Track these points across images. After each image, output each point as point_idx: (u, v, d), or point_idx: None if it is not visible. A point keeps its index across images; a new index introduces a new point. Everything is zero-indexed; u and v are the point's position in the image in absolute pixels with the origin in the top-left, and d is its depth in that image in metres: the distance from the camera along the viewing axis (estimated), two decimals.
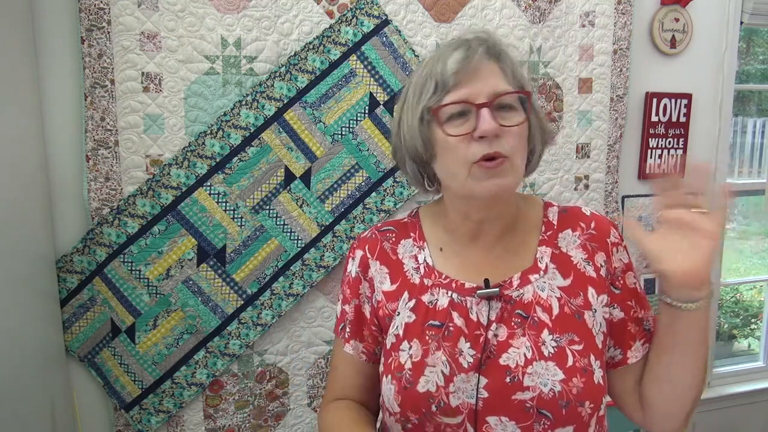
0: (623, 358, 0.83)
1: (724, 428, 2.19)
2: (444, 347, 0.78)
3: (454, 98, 0.75)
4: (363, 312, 0.89)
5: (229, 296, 1.45)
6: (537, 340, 0.76)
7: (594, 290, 0.81)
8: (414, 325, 0.81)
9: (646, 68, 1.81)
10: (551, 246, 0.83)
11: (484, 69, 0.76)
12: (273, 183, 1.45)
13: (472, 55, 0.75)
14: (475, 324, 0.78)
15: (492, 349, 0.77)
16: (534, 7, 1.62)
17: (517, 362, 0.75)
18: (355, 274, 0.90)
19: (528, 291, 0.80)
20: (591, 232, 0.84)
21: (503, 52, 0.79)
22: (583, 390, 0.73)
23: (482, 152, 0.73)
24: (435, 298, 0.82)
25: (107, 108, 1.31)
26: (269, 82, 1.42)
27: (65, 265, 1.33)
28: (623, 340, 0.83)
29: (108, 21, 1.28)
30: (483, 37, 0.79)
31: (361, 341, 0.90)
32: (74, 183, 1.34)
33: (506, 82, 0.77)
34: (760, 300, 2.63)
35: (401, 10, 1.51)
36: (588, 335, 0.78)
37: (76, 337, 1.37)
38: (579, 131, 1.73)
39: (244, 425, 1.52)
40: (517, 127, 0.75)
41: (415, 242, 0.88)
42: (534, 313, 0.78)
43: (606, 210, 1.80)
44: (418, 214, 0.93)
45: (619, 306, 0.83)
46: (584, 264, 0.82)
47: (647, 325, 0.85)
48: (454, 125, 0.76)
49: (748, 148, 2.37)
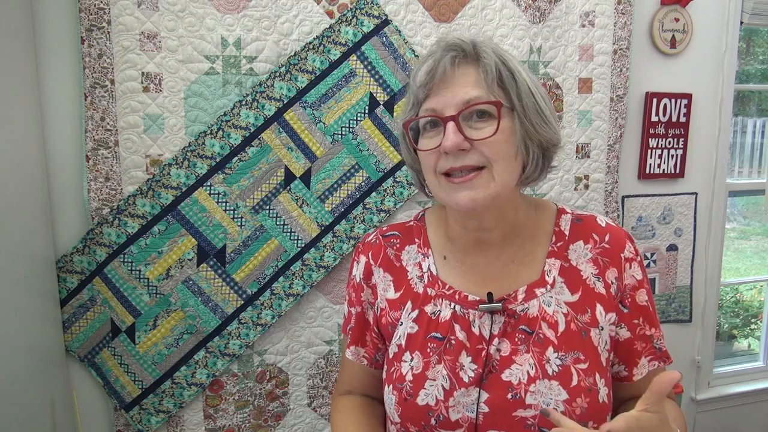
0: (628, 375, 0.82)
1: (724, 428, 2.19)
2: (445, 360, 0.77)
3: (424, 110, 0.75)
4: (366, 318, 0.90)
5: (229, 296, 1.45)
6: (541, 357, 0.74)
7: (602, 308, 0.78)
8: (416, 336, 0.80)
9: (646, 68, 1.81)
10: (560, 258, 0.80)
11: (454, 77, 0.73)
12: (273, 183, 1.45)
13: (436, 65, 0.74)
14: (477, 338, 0.77)
15: (494, 364, 0.75)
16: (534, 7, 1.62)
17: (519, 379, 0.74)
18: (358, 279, 0.90)
19: (533, 305, 0.77)
20: (604, 246, 0.81)
21: (482, 55, 0.74)
22: (587, 410, 0.72)
23: (447, 166, 0.73)
24: (438, 309, 0.80)
25: (107, 108, 1.31)
26: (269, 82, 1.42)
27: (65, 265, 1.33)
28: (629, 358, 0.82)
29: (108, 21, 1.28)
30: (455, 43, 0.75)
31: (363, 346, 0.91)
32: (74, 183, 1.34)
33: (480, 89, 0.72)
34: (760, 300, 2.63)
35: (401, 10, 1.51)
36: (594, 353, 0.76)
37: (76, 337, 1.37)
38: (579, 131, 1.73)
39: (244, 425, 1.52)
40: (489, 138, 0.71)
41: (420, 249, 0.86)
42: (539, 329, 0.76)
43: (606, 210, 1.80)
44: (424, 218, 0.91)
45: (627, 326, 0.81)
46: (594, 280, 0.79)
47: (657, 343, 0.83)
48: (429, 137, 0.76)
49: (748, 148, 2.37)
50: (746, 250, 3.61)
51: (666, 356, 0.84)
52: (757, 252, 3.46)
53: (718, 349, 2.21)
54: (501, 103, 0.73)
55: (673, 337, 2.01)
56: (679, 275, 1.96)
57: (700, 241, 1.98)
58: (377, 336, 0.89)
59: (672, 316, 1.99)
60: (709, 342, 2.08)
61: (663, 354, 0.83)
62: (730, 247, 3.25)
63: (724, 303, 2.64)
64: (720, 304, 2.24)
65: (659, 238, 1.92)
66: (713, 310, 2.07)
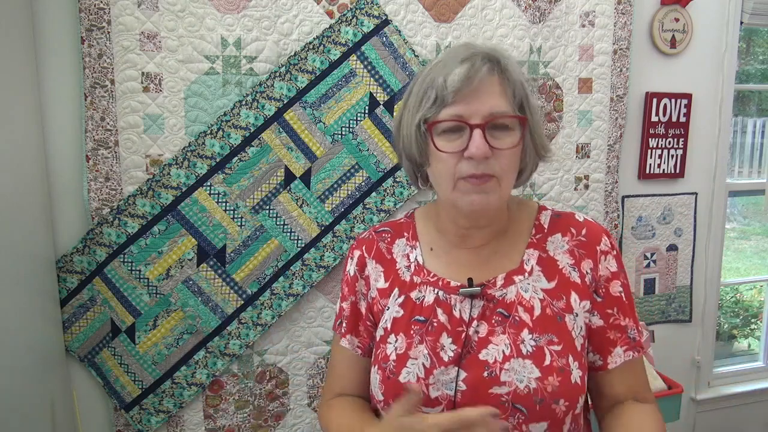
0: (603, 364, 0.84)
1: (724, 428, 2.19)
2: (427, 341, 0.81)
3: (450, 114, 0.76)
4: (359, 308, 0.93)
5: (229, 296, 1.45)
6: (516, 338, 0.78)
7: (577, 295, 0.82)
8: (401, 320, 0.84)
9: (646, 68, 1.81)
10: (539, 249, 0.85)
11: (484, 87, 0.76)
12: (273, 183, 1.45)
13: (475, 74, 0.76)
14: (458, 320, 0.81)
15: (472, 345, 0.79)
16: (534, 7, 1.62)
17: (495, 358, 0.78)
18: (353, 272, 0.94)
19: (511, 291, 0.82)
20: (580, 239, 0.85)
21: (508, 70, 0.79)
22: (558, 388, 0.75)
23: (469, 172, 0.76)
24: (422, 294, 0.85)
25: (107, 108, 1.31)
26: (269, 82, 1.42)
27: (65, 265, 1.33)
28: (602, 347, 0.84)
29: (108, 21, 1.28)
30: (488, 53, 0.79)
31: (357, 336, 0.93)
32: (74, 183, 1.34)
33: (505, 102, 0.77)
34: (760, 300, 2.63)
35: (401, 10, 1.51)
36: (568, 337, 0.79)
37: (76, 337, 1.37)
38: (579, 131, 1.73)
39: (244, 425, 1.52)
40: (509, 149, 0.77)
41: (408, 242, 0.91)
42: (515, 312, 0.80)
43: (606, 210, 1.80)
44: (413, 215, 0.96)
45: (599, 314, 0.83)
46: (570, 269, 0.84)
47: (632, 333, 0.85)
48: (449, 139, 0.77)
49: (748, 148, 2.37)
50: (746, 250, 3.61)
51: (640, 346, 0.86)
52: (757, 252, 3.46)
53: (718, 349, 2.21)
54: (527, 119, 0.79)
55: (673, 337, 2.01)
56: (679, 275, 1.96)
57: (700, 241, 1.98)
58: (372, 324, 0.92)
59: (672, 316, 1.99)
60: (709, 342, 2.08)
61: (637, 344, 0.85)
62: (730, 247, 3.24)
63: (724, 303, 2.64)
64: (720, 304, 2.24)
65: (659, 238, 1.91)
66: (713, 310, 2.07)
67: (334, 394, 0.95)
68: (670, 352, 1.98)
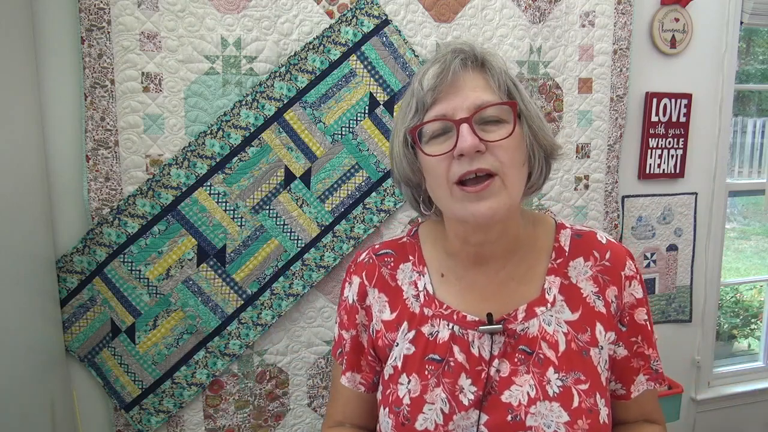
0: (626, 394, 0.81)
1: (724, 428, 2.19)
2: (444, 383, 0.75)
3: (432, 116, 0.71)
4: (360, 342, 0.87)
5: (229, 296, 1.45)
6: (542, 378, 0.73)
7: (602, 327, 0.77)
8: (413, 358, 0.78)
9: (646, 68, 1.81)
10: (560, 275, 0.79)
11: (464, 81, 0.72)
12: (273, 183, 1.45)
13: (447, 68, 0.71)
14: (477, 359, 0.75)
15: (494, 386, 0.74)
16: (534, 7, 1.62)
17: (519, 400, 0.72)
18: (352, 301, 0.87)
19: (533, 325, 0.76)
20: (605, 264, 0.79)
21: (487, 61, 0.74)
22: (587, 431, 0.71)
23: (462, 171, 0.69)
24: (435, 329, 0.78)
25: (107, 108, 1.31)
26: (269, 82, 1.42)
27: (65, 265, 1.33)
28: (626, 376, 0.81)
29: (108, 21, 1.28)
30: (461, 48, 0.74)
31: (359, 372, 0.87)
32: (74, 183, 1.34)
33: (490, 93, 0.72)
34: (760, 300, 2.63)
35: (401, 10, 1.51)
36: (594, 373, 0.74)
37: (76, 337, 1.37)
38: (579, 131, 1.73)
39: (244, 425, 1.52)
40: (504, 140, 0.70)
41: (415, 267, 0.84)
42: (539, 349, 0.74)
43: (606, 210, 1.80)
44: (417, 234, 0.88)
45: (624, 344, 0.80)
46: (594, 298, 0.78)
47: (654, 364, 0.81)
48: (437, 143, 0.72)
49: (748, 148, 2.37)
50: (746, 250, 3.61)
51: (662, 378, 0.83)
52: (757, 252, 3.46)
53: (718, 349, 2.21)
54: (516, 102, 0.73)
55: (673, 337, 2.00)
56: (679, 275, 1.96)
57: (700, 241, 1.98)
58: (374, 359, 0.86)
59: (672, 316, 1.99)
60: (709, 342, 2.08)
61: (659, 375, 0.82)
62: (730, 247, 3.25)
63: (724, 303, 2.64)
64: (720, 304, 2.24)
65: (659, 238, 1.91)
66: (713, 310, 2.07)
67: (336, 422, 0.90)
68: (670, 352, 1.98)
